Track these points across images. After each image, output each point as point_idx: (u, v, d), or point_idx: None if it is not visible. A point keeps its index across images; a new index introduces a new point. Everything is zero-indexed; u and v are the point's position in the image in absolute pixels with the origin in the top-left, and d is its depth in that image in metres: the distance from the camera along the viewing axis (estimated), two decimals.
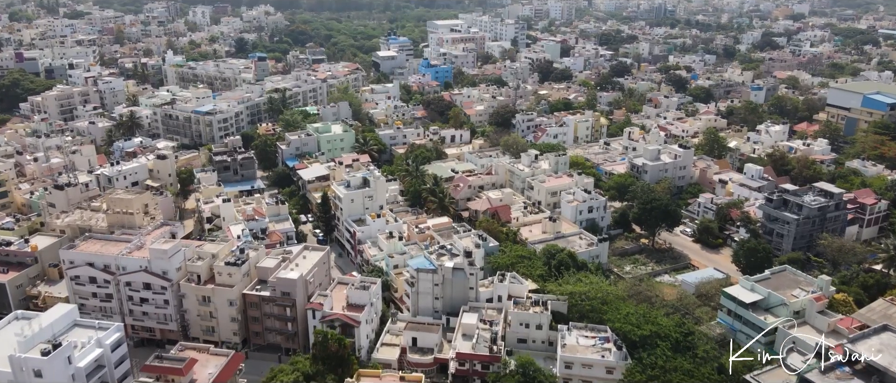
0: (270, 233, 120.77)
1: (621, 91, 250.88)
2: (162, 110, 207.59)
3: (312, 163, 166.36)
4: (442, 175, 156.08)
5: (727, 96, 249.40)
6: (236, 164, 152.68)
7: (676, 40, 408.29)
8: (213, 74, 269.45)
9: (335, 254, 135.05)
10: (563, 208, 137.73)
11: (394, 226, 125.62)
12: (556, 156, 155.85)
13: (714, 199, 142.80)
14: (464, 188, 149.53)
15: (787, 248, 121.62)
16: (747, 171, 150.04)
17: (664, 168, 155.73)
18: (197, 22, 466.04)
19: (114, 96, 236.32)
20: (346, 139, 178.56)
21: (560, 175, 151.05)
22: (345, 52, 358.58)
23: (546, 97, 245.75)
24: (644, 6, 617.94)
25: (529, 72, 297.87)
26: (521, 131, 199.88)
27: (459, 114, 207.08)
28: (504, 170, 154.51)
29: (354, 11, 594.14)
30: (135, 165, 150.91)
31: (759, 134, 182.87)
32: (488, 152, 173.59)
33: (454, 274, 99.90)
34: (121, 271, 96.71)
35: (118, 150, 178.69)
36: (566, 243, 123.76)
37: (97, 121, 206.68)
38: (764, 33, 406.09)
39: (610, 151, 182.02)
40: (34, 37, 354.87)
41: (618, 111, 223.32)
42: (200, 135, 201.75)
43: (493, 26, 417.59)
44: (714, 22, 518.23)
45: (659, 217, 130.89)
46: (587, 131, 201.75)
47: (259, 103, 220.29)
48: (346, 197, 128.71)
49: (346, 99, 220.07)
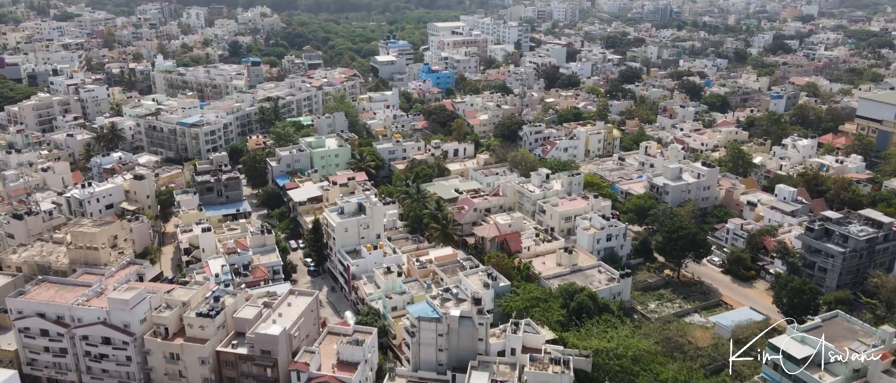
0: (254, 268, 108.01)
1: (633, 99, 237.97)
2: (145, 121, 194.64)
3: (305, 181, 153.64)
4: (445, 196, 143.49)
5: (744, 105, 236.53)
6: (220, 185, 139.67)
7: (685, 43, 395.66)
8: (203, 81, 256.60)
9: (327, 287, 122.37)
10: (578, 236, 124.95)
11: (392, 259, 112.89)
12: (569, 175, 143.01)
13: (744, 225, 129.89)
14: (469, 211, 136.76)
15: (831, 286, 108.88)
16: (778, 193, 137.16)
17: (687, 188, 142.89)
18: (191, 24, 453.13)
19: (96, 105, 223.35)
20: (341, 154, 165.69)
21: (574, 197, 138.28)
22: (342, 56, 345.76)
23: (553, 105, 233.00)
24: (648, 7, 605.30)
25: (535, 77, 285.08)
26: (528, 144, 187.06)
27: (462, 125, 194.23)
28: (512, 191, 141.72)
29: (353, 12, 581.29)
30: (109, 187, 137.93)
31: (786, 148, 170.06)
32: (494, 169, 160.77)
33: (461, 323, 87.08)
34: (76, 323, 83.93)
35: (96, 167, 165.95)
36: (584, 278, 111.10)
37: (76, 133, 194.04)
38: (775, 36, 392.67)
39: (625, 167, 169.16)
40: (20, 40, 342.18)
41: (630, 121, 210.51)
42: (186, 148, 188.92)
43: (496, 29, 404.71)
44: (721, 23, 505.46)
45: (686, 247, 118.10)
46: (599, 144, 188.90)
47: (250, 113, 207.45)
48: (339, 226, 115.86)
49: (342, 108, 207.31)
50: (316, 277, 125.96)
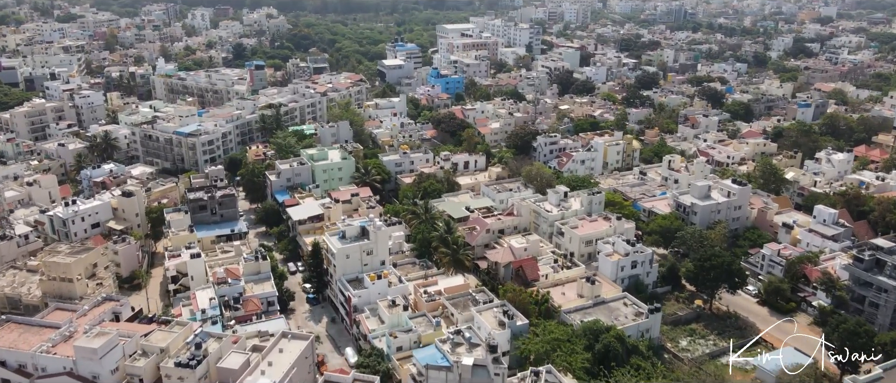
0: (246, 300, 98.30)
1: (651, 106, 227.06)
2: (141, 130, 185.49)
3: (306, 197, 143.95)
4: (455, 214, 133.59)
5: (769, 113, 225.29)
6: (214, 203, 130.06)
7: (701, 46, 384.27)
8: (203, 86, 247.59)
9: (327, 318, 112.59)
10: (600, 262, 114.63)
11: (398, 290, 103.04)
12: (589, 194, 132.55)
13: (781, 251, 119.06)
14: (481, 233, 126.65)
15: (885, 323, 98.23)
16: (818, 214, 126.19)
17: (716, 209, 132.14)
18: (196, 25, 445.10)
19: (92, 112, 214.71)
20: (344, 168, 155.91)
21: (595, 218, 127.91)
22: (349, 60, 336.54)
23: (568, 113, 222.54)
24: (661, 8, 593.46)
25: (548, 82, 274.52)
26: (543, 156, 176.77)
27: (473, 135, 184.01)
28: (528, 210, 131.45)
29: (361, 14, 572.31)
30: (95, 204, 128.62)
31: (819, 162, 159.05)
32: (508, 184, 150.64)
33: (474, 373, 77.25)
34: (40, 372, 74.47)
35: (86, 179, 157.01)
36: (608, 312, 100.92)
37: (69, 142, 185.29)
38: (795, 39, 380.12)
39: (647, 182, 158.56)
40: (19, 42, 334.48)
41: (650, 131, 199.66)
42: (183, 158, 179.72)
43: (507, 31, 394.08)
44: (737, 25, 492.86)
45: (720, 277, 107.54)
46: (618, 156, 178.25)
47: (250, 121, 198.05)
48: (339, 252, 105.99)
49: (347, 116, 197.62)
50: (315, 306, 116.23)
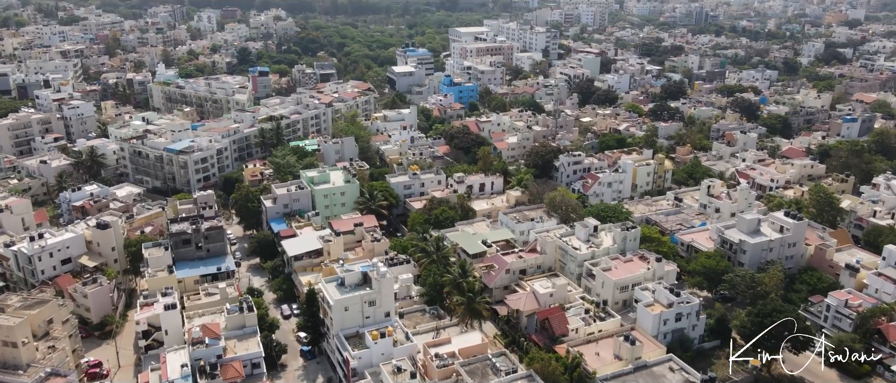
0: (225, 365, 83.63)
1: (681, 120, 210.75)
2: (130, 146, 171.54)
3: (304, 226, 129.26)
4: (470, 249, 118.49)
5: (808, 127, 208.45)
6: (200, 237, 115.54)
7: (726, 51, 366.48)
8: (203, 95, 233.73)
9: (323, 377, 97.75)
10: (639, 314, 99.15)
11: (404, 350, 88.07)
12: (622, 229, 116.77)
13: (849, 301, 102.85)
14: (501, 273, 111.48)
15: None
16: (888, 256, 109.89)
17: (768, 246, 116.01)
18: (201, 28, 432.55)
19: (82, 124, 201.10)
20: (347, 192, 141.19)
21: (630, 257, 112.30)
22: (358, 65, 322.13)
23: (590, 126, 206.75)
24: (680, 10, 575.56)
25: (567, 91, 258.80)
26: (565, 176, 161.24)
27: (489, 154, 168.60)
28: (553, 247, 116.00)
29: (371, 15, 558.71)
30: (65, 238, 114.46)
31: (877, 189, 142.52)
32: (528, 212, 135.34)
33: None
34: None
35: (65, 203, 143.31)
36: (652, 380, 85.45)
37: (53, 157, 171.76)
38: (826, 44, 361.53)
39: (683, 210, 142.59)
40: (17, 46, 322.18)
41: (681, 148, 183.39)
42: (174, 177, 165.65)
43: (522, 35, 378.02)
44: (761, 28, 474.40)
45: (782, 335, 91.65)
46: (649, 177, 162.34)
47: (249, 136, 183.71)
48: (337, 304, 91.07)
49: (352, 131, 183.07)
50: (310, 360, 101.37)
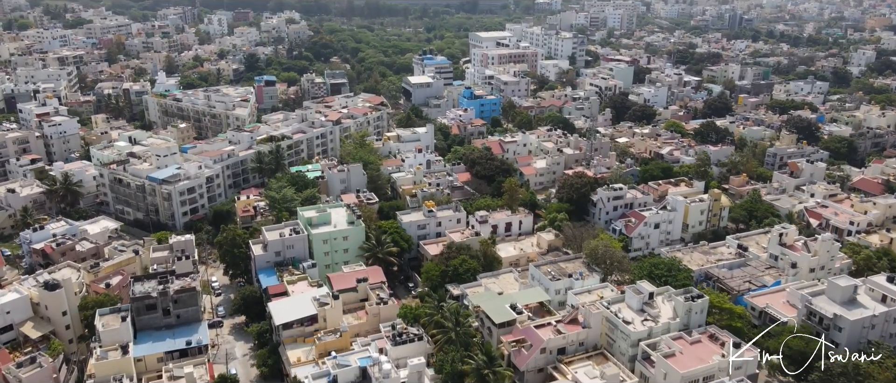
0: None
1: (732, 142, 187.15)
2: (109, 173, 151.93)
3: (298, 280, 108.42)
4: (497, 316, 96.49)
5: (878, 152, 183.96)
6: (168, 301, 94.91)
7: (767, 59, 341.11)
8: (201, 109, 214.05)
9: None
10: None
11: None
12: (685, 298, 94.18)
13: None
14: (534, 352, 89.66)
15: None
16: None
17: (870, 323, 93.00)
18: (211, 32, 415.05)
19: (64, 143, 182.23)
20: (351, 237, 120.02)
21: (697, 336, 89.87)
22: (372, 72, 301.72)
23: (627, 147, 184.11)
24: (711, 12, 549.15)
25: (599, 106, 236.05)
26: (604, 213, 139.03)
27: (515, 186, 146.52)
28: (600, 319, 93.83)
29: (389, 17, 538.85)
30: (7, 301, 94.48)
31: None
32: (565, 265, 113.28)
33: None
34: None
35: (25, 244, 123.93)
36: None
37: (25, 184, 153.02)
38: (878, 52, 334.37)
39: (749, 261, 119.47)
40: (14, 51, 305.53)
41: (735, 178, 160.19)
42: (157, 209, 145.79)
43: (547, 40, 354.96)
44: (799, 33, 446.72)
45: None
46: (702, 216, 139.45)
47: (245, 160, 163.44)
48: None
49: (361, 154, 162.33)
50: None
